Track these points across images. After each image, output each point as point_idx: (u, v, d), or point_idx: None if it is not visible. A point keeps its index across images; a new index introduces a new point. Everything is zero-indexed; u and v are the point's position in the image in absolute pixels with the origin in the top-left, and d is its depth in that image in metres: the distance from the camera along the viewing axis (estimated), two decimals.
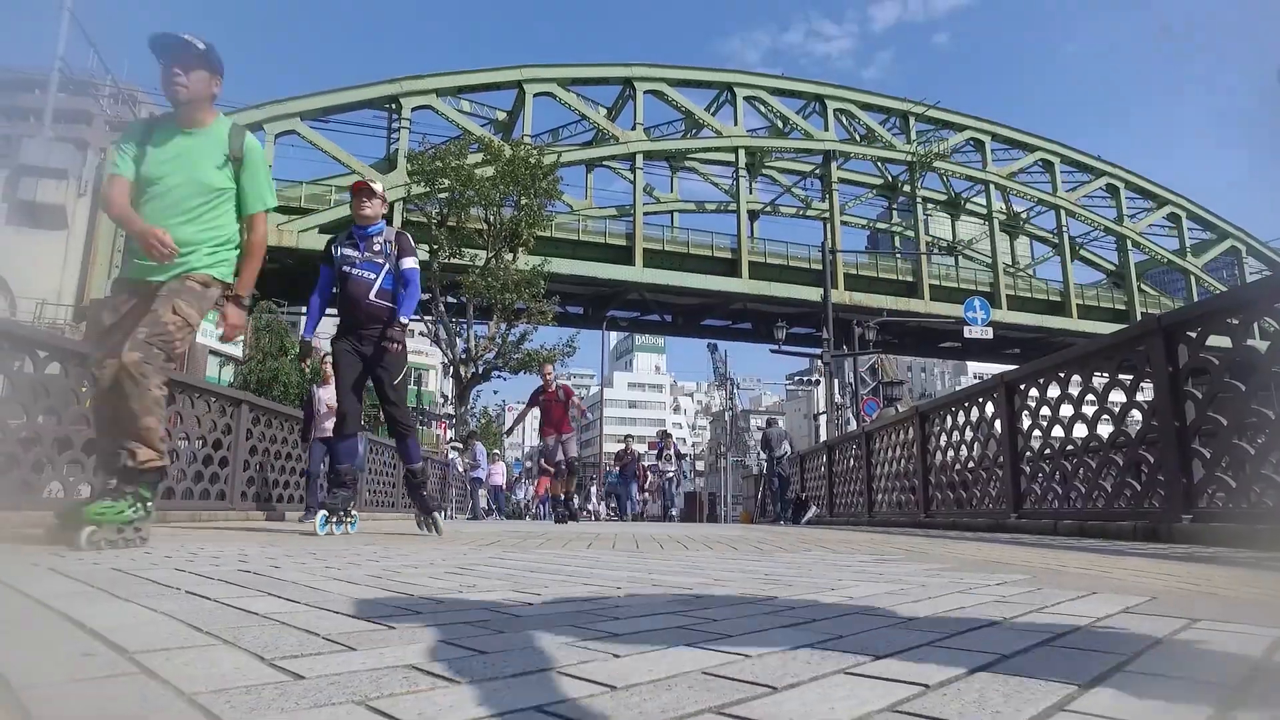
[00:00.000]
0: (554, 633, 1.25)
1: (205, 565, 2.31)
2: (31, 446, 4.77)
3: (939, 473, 7.52)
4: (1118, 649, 1.12)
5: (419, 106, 31.92)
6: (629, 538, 4.86)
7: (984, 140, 40.75)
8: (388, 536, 4.70)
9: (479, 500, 17.00)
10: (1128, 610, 1.51)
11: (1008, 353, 40.25)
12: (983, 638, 1.22)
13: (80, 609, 1.40)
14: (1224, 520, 3.81)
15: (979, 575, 2.25)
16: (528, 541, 4.21)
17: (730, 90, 36.87)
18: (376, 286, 4.72)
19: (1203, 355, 4.05)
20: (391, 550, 3.23)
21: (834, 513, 11.42)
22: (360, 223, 4.82)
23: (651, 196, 36.95)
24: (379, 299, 4.73)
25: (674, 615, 1.46)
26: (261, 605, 1.51)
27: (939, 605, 1.60)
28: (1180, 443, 4.12)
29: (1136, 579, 2.18)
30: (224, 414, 7.09)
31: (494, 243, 22.44)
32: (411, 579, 2.07)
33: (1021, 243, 44.46)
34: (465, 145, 24.43)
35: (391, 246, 4.78)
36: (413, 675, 0.95)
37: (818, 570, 2.50)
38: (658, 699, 0.86)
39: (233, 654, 1.06)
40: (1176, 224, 44.08)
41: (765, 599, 1.72)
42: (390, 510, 12.11)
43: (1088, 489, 5.11)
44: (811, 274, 34.40)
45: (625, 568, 2.55)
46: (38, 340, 4.99)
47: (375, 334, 4.74)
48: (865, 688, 0.91)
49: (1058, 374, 5.50)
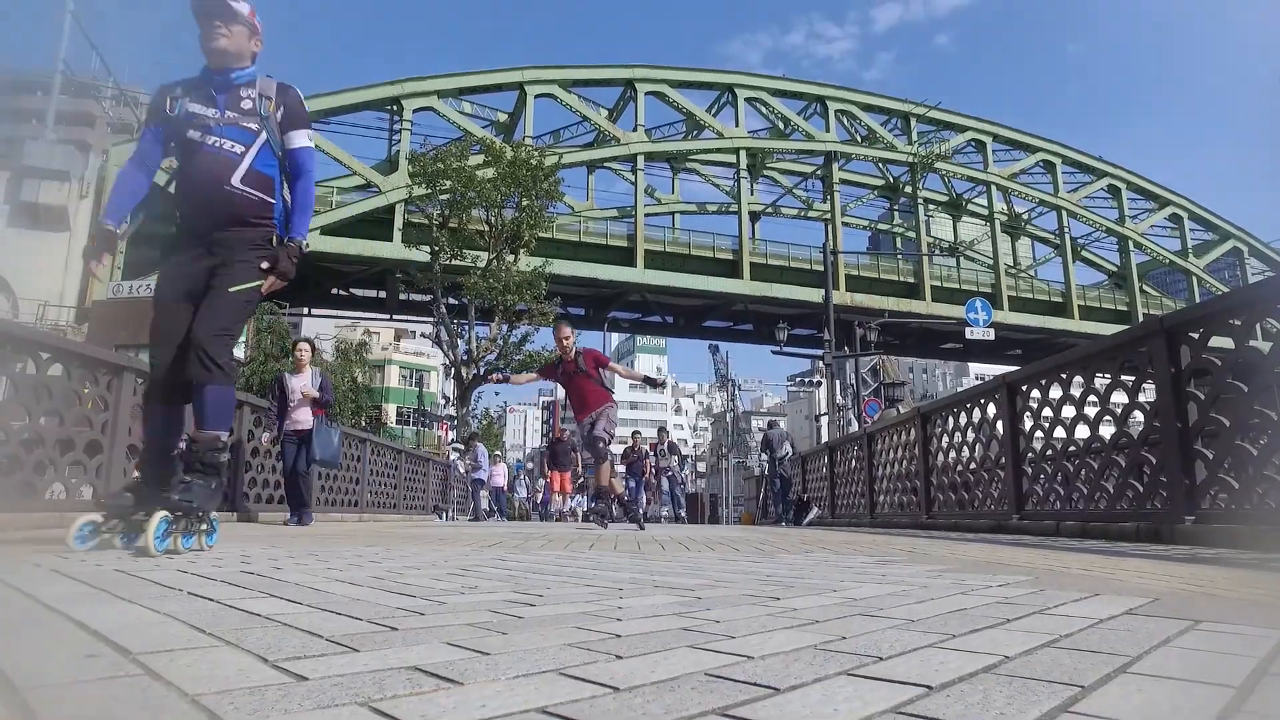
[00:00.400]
0: (556, 634, 1.25)
1: (207, 567, 2.32)
2: (34, 448, 4.77)
3: (941, 474, 7.51)
4: (1121, 650, 1.12)
5: (420, 108, 31.99)
6: (630, 539, 4.86)
7: (985, 141, 40.76)
8: (389, 537, 4.67)
9: (480, 501, 17.02)
10: (1131, 612, 1.50)
11: (1009, 354, 40.24)
12: (986, 639, 1.22)
13: (83, 610, 1.40)
14: (1227, 522, 3.80)
15: (981, 576, 2.25)
16: (530, 543, 4.21)
17: (731, 91, 36.91)
18: (245, 167, 2.98)
19: (1205, 356, 4.05)
20: (394, 552, 3.23)
21: (835, 514, 11.41)
22: (214, 61, 3.03)
23: (653, 198, 36.97)
24: (247, 187, 2.98)
25: (676, 616, 1.46)
26: (264, 607, 1.51)
27: (941, 606, 1.60)
28: (1183, 444, 4.11)
29: (1139, 580, 2.18)
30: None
31: (495, 244, 22.46)
32: (413, 580, 2.07)
33: (1023, 244, 44.47)
34: (466, 147, 24.45)
35: (269, 107, 3.06)
36: (416, 677, 0.95)
37: (820, 572, 2.50)
38: (661, 700, 0.86)
39: (236, 655, 1.06)
40: (1178, 225, 44.08)
41: (768, 600, 1.72)
42: (391, 511, 12.12)
43: (1090, 490, 5.11)
44: (813, 275, 34.41)
45: (627, 569, 2.55)
46: (40, 342, 5.00)
47: (233, 243, 2.99)
48: (868, 689, 0.91)
49: (1060, 375, 5.50)
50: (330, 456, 7.35)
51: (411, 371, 51.10)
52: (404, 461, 13.34)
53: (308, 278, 32.56)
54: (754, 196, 38.31)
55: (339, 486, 9.96)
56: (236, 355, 18.89)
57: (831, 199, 37.66)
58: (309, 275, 32.41)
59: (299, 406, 7.24)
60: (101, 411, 5.34)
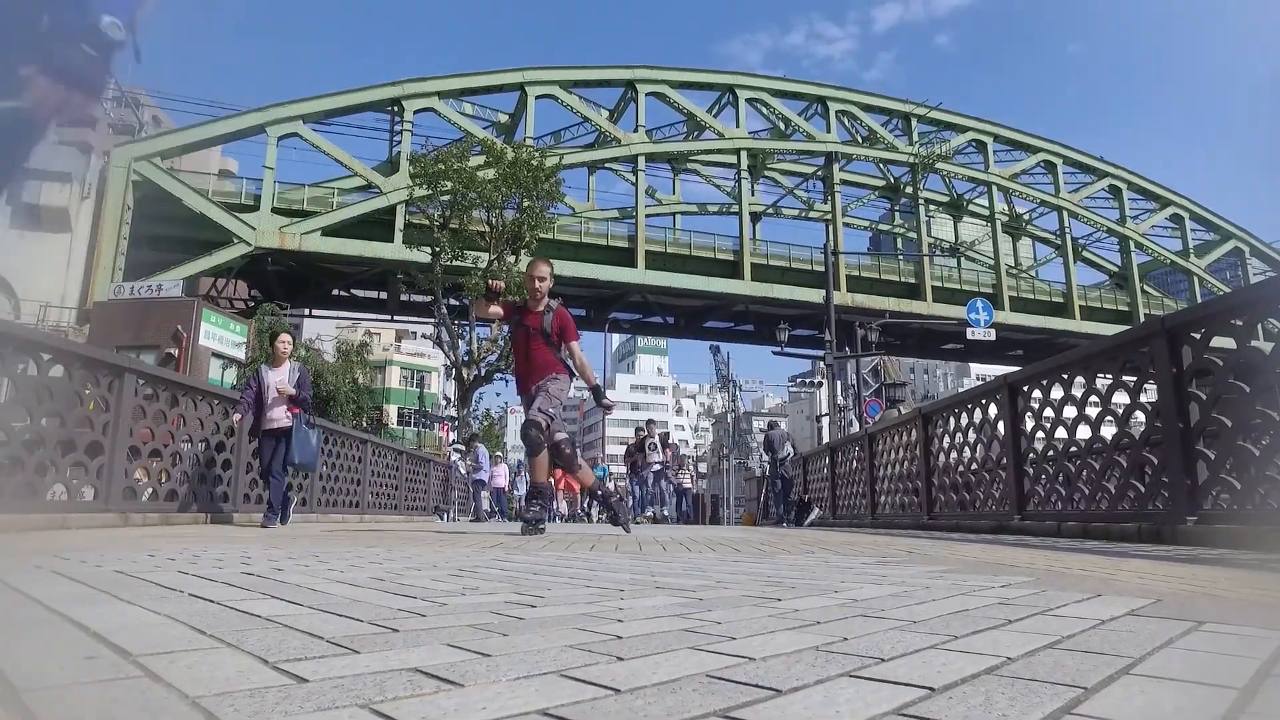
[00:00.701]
0: (557, 635, 1.25)
1: (208, 568, 2.32)
2: (35, 449, 4.77)
3: (942, 474, 7.51)
4: (1124, 652, 1.11)
5: (421, 109, 32.04)
6: (631, 540, 4.85)
7: (986, 141, 40.77)
8: (390, 538, 4.68)
9: (481, 502, 17.03)
10: (1133, 613, 1.50)
11: (1010, 354, 40.23)
12: (988, 640, 1.22)
13: (83, 611, 1.40)
14: (1229, 522, 3.80)
15: (983, 577, 2.24)
16: (530, 544, 4.20)
17: (732, 92, 36.92)
18: None
19: (1207, 356, 4.04)
20: (394, 553, 3.23)
21: (837, 515, 11.41)
22: None
23: (654, 198, 36.99)
24: None
25: (678, 618, 1.45)
26: (264, 608, 1.51)
27: (943, 608, 1.60)
28: (1184, 444, 4.11)
29: (1141, 581, 2.17)
30: (226, 416, 7.09)
31: (496, 245, 22.47)
32: (414, 581, 2.07)
33: (1024, 244, 44.49)
34: (467, 147, 24.48)
35: None
36: (416, 678, 0.95)
37: (821, 573, 2.50)
38: (663, 702, 0.85)
39: (236, 657, 1.06)
40: (1179, 225, 44.07)
41: (769, 601, 1.71)
42: (393, 513, 12.13)
43: (1091, 491, 5.10)
44: (814, 276, 34.42)
45: (628, 570, 2.55)
46: (42, 343, 5.01)
47: None
48: (870, 690, 0.90)
49: (1061, 375, 5.49)
50: (308, 460, 6.99)
51: (412, 372, 51.14)
52: (405, 462, 13.34)
53: (309, 278, 32.64)
54: (755, 197, 38.32)
55: (340, 488, 9.96)
56: (237, 356, 18.62)
57: (832, 199, 37.66)
58: (310, 276, 32.49)
59: (276, 404, 6.81)
60: (103, 413, 5.35)
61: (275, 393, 6.79)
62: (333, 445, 9.71)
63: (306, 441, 6.87)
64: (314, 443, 7.02)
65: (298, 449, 6.77)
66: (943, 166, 39.71)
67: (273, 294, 31.22)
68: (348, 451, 10.33)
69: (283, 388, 6.81)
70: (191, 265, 27.45)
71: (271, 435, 6.85)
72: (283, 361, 7.07)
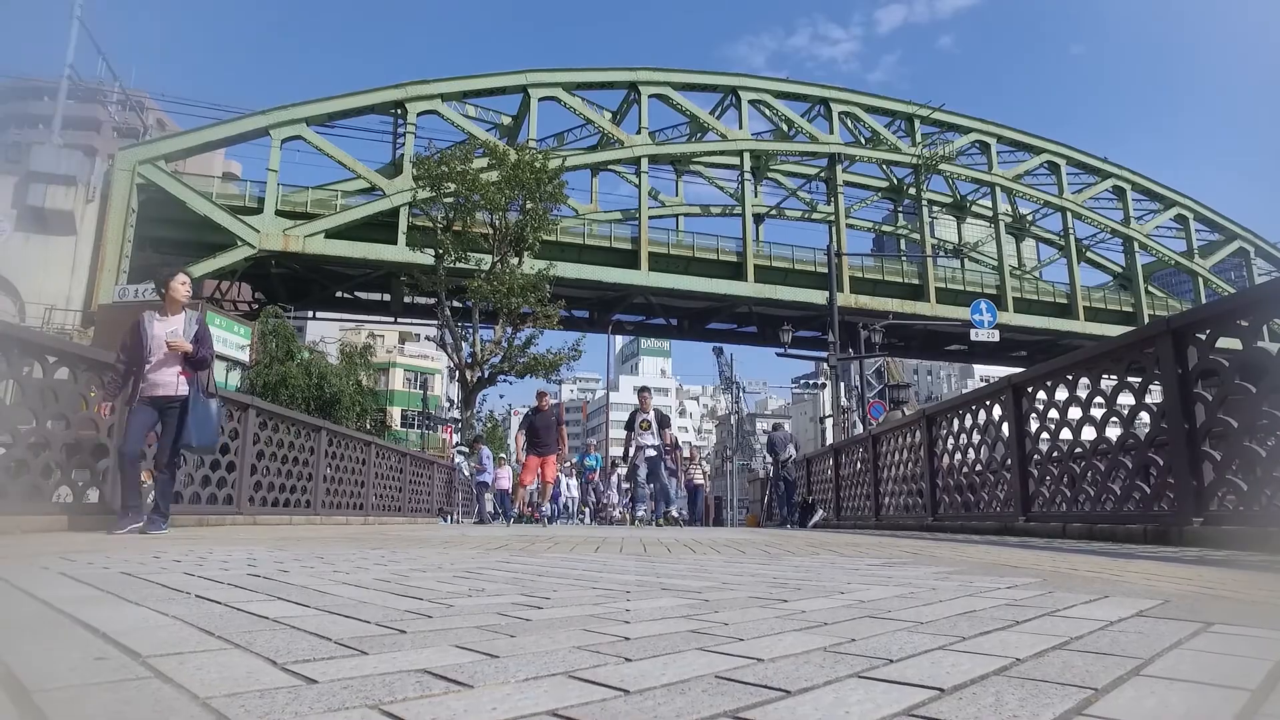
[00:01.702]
0: (565, 636, 1.25)
1: (214, 569, 2.32)
2: (41, 451, 4.79)
3: (946, 476, 7.49)
4: (1133, 653, 1.11)
5: (424, 111, 32.09)
6: (636, 541, 4.85)
7: (989, 142, 40.71)
8: (395, 540, 4.69)
9: (486, 504, 17.03)
10: (1141, 614, 1.49)
11: (1014, 355, 40.14)
12: (996, 641, 1.21)
13: (91, 613, 1.41)
14: (1235, 523, 3.78)
15: (989, 578, 2.24)
16: (535, 545, 4.20)
17: (735, 94, 36.93)
18: None
19: (1212, 357, 4.03)
20: (400, 554, 3.23)
21: (841, 516, 11.38)
22: None
23: (656, 200, 36.99)
24: None
25: (685, 619, 1.45)
26: (272, 609, 1.51)
27: (950, 609, 1.59)
28: (1190, 445, 4.09)
29: (1148, 582, 2.17)
30: (231, 418, 7.10)
31: (499, 247, 22.48)
32: (420, 583, 2.07)
33: (1028, 245, 44.39)
34: (470, 150, 24.50)
35: None
36: (425, 679, 0.95)
37: (827, 574, 2.49)
38: (672, 703, 0.85)
39: (245, 658, 1.06)
40: (1184, 225, 43.95)
41: (776, 602, 1.71)
42: (396, 515, 12.14)
43: (1097, 492, 5.08)
44: (817, 277, 34.37)
45: (633, 571, 2.55)
46: (47, 345, 5.02)
47: None
48: (880, 691, 0.90)
49: (1065, 376, 5.47)
50: (208, 441, 5.28)
51: (416, 374, 51.23)
52: (409, 464, 13.34)
53: (312, 281, 32.70)
54: (758, 199, 38.31)
55: (344, 490, 9.97)
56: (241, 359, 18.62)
57: (835, 201, 37.63)
58: (313, 278, 32.55)
59: (162, 364, 5.00)
60: (107, 415, 5.35)
61: (164, 349, 4.99)
62: (336, 447, 9.72)
63: (207, 417, 5.16)
64: (215, 418, 5.28)
65: (195, 428, 5.05)
66: (946, 168, 39.66)
67: (276, 296, 31.25)
68: (352, 454, 10.34)
69: (175, 342, 5.00)
70: (195, 268, 27.51)
71: (152, 405, 4.97)
72: (178, 309, 5.25)
